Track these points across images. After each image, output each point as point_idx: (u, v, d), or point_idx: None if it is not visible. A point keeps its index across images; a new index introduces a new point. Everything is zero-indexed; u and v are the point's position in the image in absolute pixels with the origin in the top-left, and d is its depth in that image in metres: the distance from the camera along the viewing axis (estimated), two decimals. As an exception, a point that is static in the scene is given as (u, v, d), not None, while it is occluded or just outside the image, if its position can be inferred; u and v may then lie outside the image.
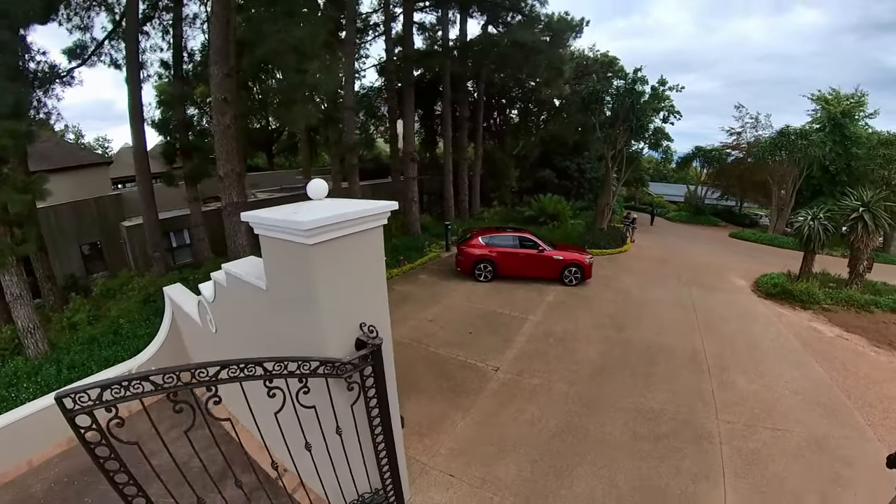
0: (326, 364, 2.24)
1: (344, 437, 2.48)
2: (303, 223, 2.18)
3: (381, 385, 2.54)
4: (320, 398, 2.31)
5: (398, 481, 3.18)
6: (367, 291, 2.65)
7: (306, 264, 2.36)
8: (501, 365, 6.11)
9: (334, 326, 2.49)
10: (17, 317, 7.04)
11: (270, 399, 2.03)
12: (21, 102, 6.79)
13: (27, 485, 4.28)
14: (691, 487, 4.12)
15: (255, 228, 2.60)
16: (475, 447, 4.43)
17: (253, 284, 2.93)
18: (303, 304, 2.52)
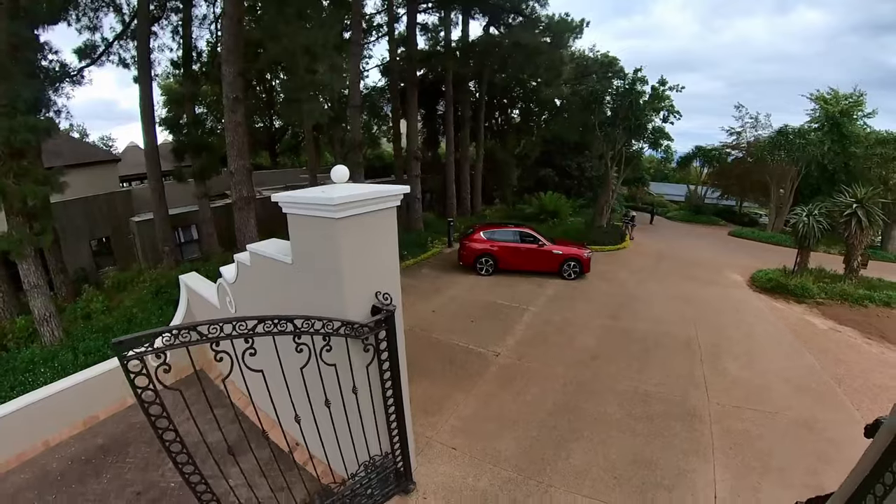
0: (347, 325, 2.51)
1: (359, 396, 2.73)
2: (333, 199, 2.48)
3: (394, 348, 2.80)
4: (340, 358, 2.56)
5: (406, 446, 3.43)
6: (382, 263, 2.95)
7: (333, 237, 2.65)
8: (502, 350, 6.36)
9: (354, 293, 2.78)
10: (33, 306, 7.32)
11: (298, 355, 2.28)
12: (39, 99, 7.08)
13: (45, 465, 4.53)
14: (682, 462, 4.36)
15: (284, 208, 2.89)
16: (477, 424, 4.68)
17: (278, 260, 3.22)
18: (326, 274, 2.81)
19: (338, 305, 2.75)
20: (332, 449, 2.92)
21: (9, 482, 4.26)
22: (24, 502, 4.00)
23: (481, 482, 3.92)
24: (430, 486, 3.86)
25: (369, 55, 19.10)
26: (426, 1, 16.30)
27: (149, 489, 4.24)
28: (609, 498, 3.82)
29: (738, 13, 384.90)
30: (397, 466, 3.46)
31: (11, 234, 6.72)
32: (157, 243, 12.07)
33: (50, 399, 4.93)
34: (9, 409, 4.60)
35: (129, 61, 12.77)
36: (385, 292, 2.82)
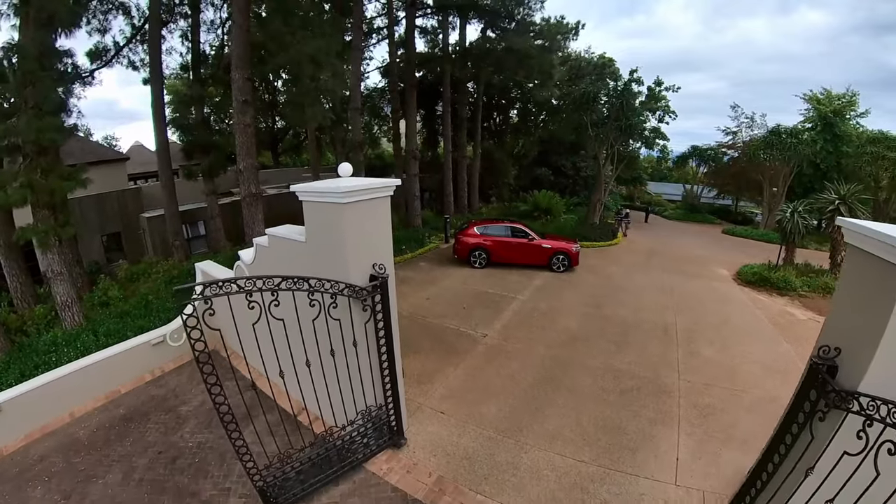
0: (349, 287, 3.12)
1: (358, 350, 3.28)
2: (340, 188, 3.16)
3: (387, 310, 3.38)
4: (344, 314, 3.13)
5: (398, 404, 3.96)
6: (378, 240, 3.58)
7: (340, 219, 3.33)
8: (489, 332, 6.88)
9: (356, 263, 3.42)
10: (56, 292, 7.87)
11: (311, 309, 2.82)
12: (63, 101, 7.65)
13: (70, 433, 5.01)
14: (648, 429, 4.85)
15: (301, 196, 3.56)
16: (463, 393, 5.20)
17: (293, 239, 3.87)
18: (334, 248, 3.45)
19: (343, 273, 3.36)
20: (336, 401, 3.44)
21: (37, 448, 4.74)
22: (51, 465, 4.46)
23: (465, 440, 4.44)
24: (420, 442, 4.38)
25: (370, 57, 19.68)
26: (424, 6, 16.85)
27: (169, 449, 4.75)
28: (578, 456, 4.32)
29: (740, 13, 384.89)
30: (390, 421, 3.98)
31: (37, 226, 7.28)
32: (166, 238, 12.65)
33: (75, 374, 5.39)
34: (37, 383, 5.10)
35: (139, 63, 13.36)
36: (380, 263, 3.43)
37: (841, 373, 2.29)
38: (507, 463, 4.18)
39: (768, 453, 2.84)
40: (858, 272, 2.41)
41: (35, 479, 4.28)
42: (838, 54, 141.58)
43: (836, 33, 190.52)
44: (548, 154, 23.60)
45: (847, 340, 2.30)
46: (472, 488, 3.88)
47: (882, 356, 2.06)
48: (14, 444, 4.81)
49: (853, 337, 2.26)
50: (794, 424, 2.59)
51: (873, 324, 2.09)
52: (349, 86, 12.41)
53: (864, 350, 2.14)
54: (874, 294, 2.14)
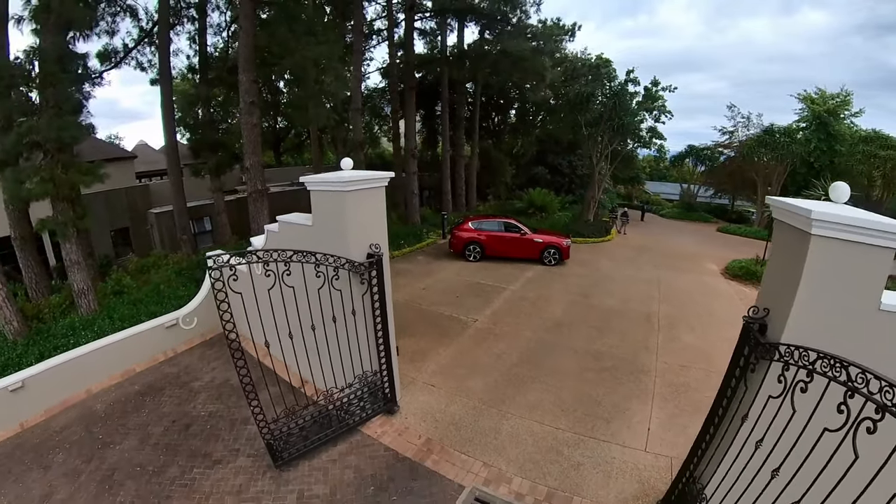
0: (350, 262, 3.69)
1: (356, 319, 3.73)
2: (343, 178, 3.75)
3: (382, 285, 3.88)
4: (344, 286, 3.62)
5: (391, 372, 4.40)
6: (374, 224, 4.12)
7: (343, 205, 3.91)
8: (480, 318, 7.32)
9: (355, 242, 3.96)
10: (73, 280, 8.34)
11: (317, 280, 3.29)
12: (81, 101, 8.14)
13: (89, 406, 5.43)
14: (623, 403, 5.27)
15: (309, 185, 4.11)
16: (452, 369, 5.64)
17: (302, 224, 4.40)
18: (337, 230, 4.00)
19: (344, 250, 3.88)
20: (337, 366, 3.88)
21: (58, 421, 5.13)
22: (72, 434, 4.86)
23: (452, 408, 4.88)
24: (412, 409, 4.83)
25: (370, 58, 20.15)
26: (423, 10, 17.33)
27: (182, 418, 5.20)
28: (555, 424, 4.75)
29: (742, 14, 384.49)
30: (384, 387, 4.42)
31: (57, 218, 7.75)
32: (173, 233, 13.12)
33: (92, 353, 5.81)
34: (56, 361, 5.49)
35: (146, 65, 13.85)
36: (376, 243, 3.97)
37: (769, 330, 2.68)
38: (490, 428, 4.61)
39: (713, 409, 3.26)
40: (781, 242, 2.83)
41: (56, 446, 4.69)
42: (839, 54, 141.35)
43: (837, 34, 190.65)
44: (545, 153, 24.02)
45: (774, 302, 2.69)
46: (457, 449, 4.31)
47: (796, 311, 2.44)
48: (35, 419, 5.17)
49: (778, 298, 2.64)
50: (732, 379, 3.01)
51: (790, 284, 2.48)
52: (350, 88, 12.88)
53: (784, 308, 2.51)
54: (791, 259, 2.54)
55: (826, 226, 2.23)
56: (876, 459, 1.54)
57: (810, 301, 2.38)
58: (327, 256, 3.51)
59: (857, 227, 2.17)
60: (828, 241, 2.26)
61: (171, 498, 3.93)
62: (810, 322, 2.38)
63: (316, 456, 4.24)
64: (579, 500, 3.77)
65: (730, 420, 2.96)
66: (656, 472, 4.15)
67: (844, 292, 2.31)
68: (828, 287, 2.34)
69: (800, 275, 2.41)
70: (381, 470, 4.07)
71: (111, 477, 4.20)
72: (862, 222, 2.18)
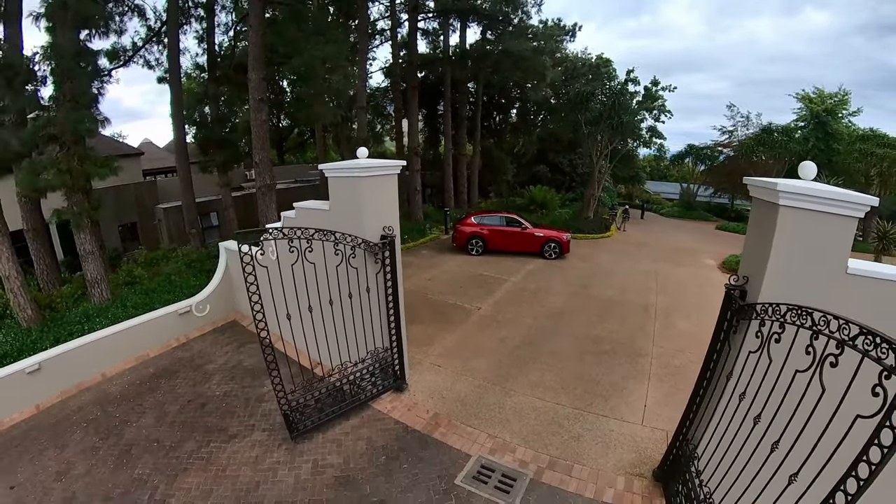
0: (365, 242, 3.97)
1: (370, 297, 3.98)
2: (360, 165, 4.04)
3: (394, 264, 4.17)
4: (360, 264, 3.88)
5: (401, 351, 4.64)
6: (388, 207, 4.40)
7: (359, 189, 4.20)
8: (483, 306, 7.56)
9: (370, 224, 4.24)
10: (86, 269, 8.58)
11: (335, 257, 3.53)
12: (97, 95, 8.40)
13: (104, 388, 5.63)
14: (620, 382, 5.50)
15: (327, 172, 4.40)
16: (458, 351, 5.88)
17: (319, 209, 4.67)
18: (354, 213, 4.27)
19: (360, 231, 4.16)
20: (351, 341, 4.11)
21: (74, 402, 5.32)
22: (88, 414, 5.03)
23: (458, 386, 5.11)
24: (420, 387, 5.06)
25: (373, 58, 20.42)
26: (426, 10, 17.60)
27: (197, 397, 5.41)
28: (556, 400, 4.98)
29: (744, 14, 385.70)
30: (394, 364, 4.65)
31: (72, 209, 7.99)
32: (181, 228, 13.37)
33: (107, 338, 6.01)
34: (72, 346, 5.68)
35: (153, 63, 14.11)
36: (389, 226, 4.25)
37: (749, 296, 2.94)
38: (495, 404, 4.84)
39: (702, 371, 3.49)
40: (756, 216, 3.10)
41: (73, 425, 4.86)
42: (841, 54, 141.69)
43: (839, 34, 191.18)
44: (546, 152, 24.29)
45: (751, 270, 2.95)
46: (463, 422, 4.54)
47: (769, 276, 2.71)
48: (50, 400, 5.35)
49: (755, 266, 2.91)
50: (717, 342, 3.25)
51: (764, 252, 2.74)
52: (355, 86, 13.13)
53: (760, 274, 2.79)
54: (764, 229, 2.80)
55: (791, 197, 2.48)
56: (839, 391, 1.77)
57: (782, 266, 2.63)
58: (345, 235, 3.78)
59: (820, 198, 2.43)
60: (794, 210, 2.51)
61: (188, 470, 4.11)
62: (783, 285, 2.63)
63: (329, 429, 4.47)
64: (580, 468, 3.99)
65: (717, 379, 3.21)
66: (652, 443, 4.37)
67: (813, 257, 2.56)
68: (797, 253, 2.60)
69: (771, 242, 2.68)
70: (391, 441, 4.30)
71: (128, 452, 4.37)
72: (824, 193, 2.43)
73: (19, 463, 4.26)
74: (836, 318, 1.80)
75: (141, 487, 3.89)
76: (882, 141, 21.11)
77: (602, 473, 3.94)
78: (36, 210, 9.71)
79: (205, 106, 13.16)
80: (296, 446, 4.28)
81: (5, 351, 6.86)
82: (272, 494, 3.78)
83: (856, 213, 2.43)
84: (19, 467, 4.20)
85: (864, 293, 2.47)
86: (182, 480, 3.98)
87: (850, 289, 2.47)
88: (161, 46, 13.77)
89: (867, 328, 1.66)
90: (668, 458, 3.80)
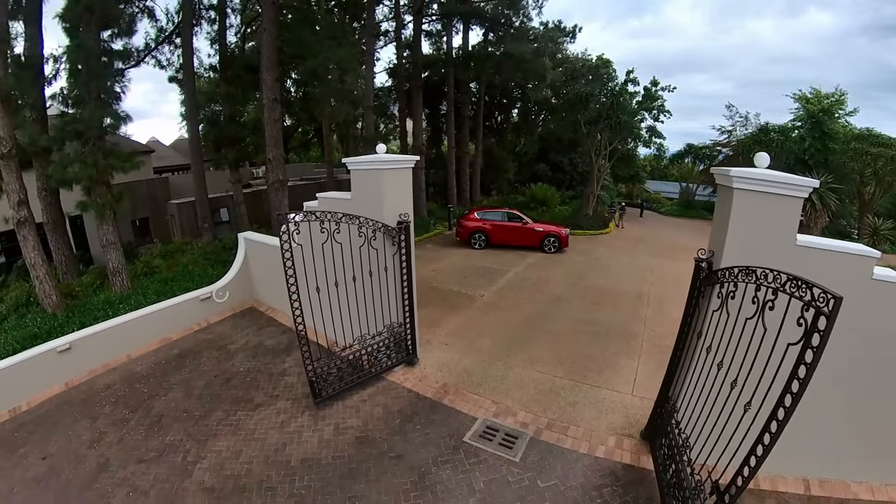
0: (384, 226, 4.50)
1: (387, 275, 4.45)
2: (382, 159, 4.60)
3: (409, 246, 4.71)
4: (380, 245, 4.36)
5: (413, 328, 5.10)
6: (403, 196, 4.95)
7: (381, 181, 4.75)
8: (486, 294, 8.03)
9: (389, 211, 4.77)
10: (108, 259, 9.05)
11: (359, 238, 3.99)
12: (119, 93, 8.87)
13: (130, 368, 6.00)
14: (612, 358, 5.93)
15: (350, 165, 4.92)
16: (463, 332, 6.34)
17: (342, 198, 5.17)
18: (375, 201, 4.79)
19: (380, 217, 4.67)
20: (370, 316, 4.59)
21: (102, 380, 5.68)
22: (117, 391, 5.38)
23: (464, 361, 5.57)
24: (429, 362, 5.52)
25: (377, 58, 20.88)
26: (430, 14, 18.07)
27: (223, 373, 5.83)
28: (553, 373, 5.43)
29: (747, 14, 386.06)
30: (407, 339, 5.11)
31: (96, 200, 8.45)
32: (192, 223, 13.83)
33: (132, 322, 6.38)
34: (100, 328, 6.08)
35: (165, 63, 14.57)
36: (405, 212, 4.76)
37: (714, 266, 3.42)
38: (498, 376, 5.29)
39: (679, 335, 3.95)
40: (720, 200, 3.60)
41: (103, 400, 5.21)
42: (845, 55, 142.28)
43: (842, 34, 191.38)
44: (547, 151, 24.76)
45: (716, 245, 3.45)
46: (469, 391, 5.00)
47: (727, 248, 3.20)
48: (79, 378, 5.70)
49: (719, 241, 3.40)
50: (690, 307, 3.71)
51: (724, 229, 3.23)
52: (362, 87, 13.60)
53: (721, 247, 3.28)
54: (724, 210, 3.31)
55: (743, 181, 2.99)
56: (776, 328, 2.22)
57: (738, 239, 3.14)
58: (368, 220, 4.31)
59: (768, 181, 2.90)
60: (746, 193, 3.02)
61: (217, 435, 4.50)
62: (741, 256, 3.10)
63: (348, 397, 4.92)
64: (575, 429, 4.44)
65: (690, 339, 3.68)
66: (641, 410, 4.81)
67: (765, 231, 3.05)
68: (751, 228, 3.09)
69: (728, 220, 3.18)
70: (405, 407, 4.75)
71: (159, 422, 4.73)
72: (771, 177, 2.91)
73: (52, 434, 4.56)
74: (772, 271, 2.25)
75: (174, 451, 4.26)
76: (877, 140, 21.50)
77: (595, 434, 4.39)
78: (55, 204, 10.19)
79: (217, 105, 13.63)
80: (318, 412, 4.72)
81: (35, 332, 7.33)
82: (298, 452, 4.22)
83: (799, 193, 2.90)
84: (52, 438, 4.50)
85: (811, 262, 2.92)
86: (213, 444, 4.37)
87: (800, 258, 2.92)
88: (172, 47, 14.27)
89: (793, 275, 2.11)
90: (655, 418, 4.25)
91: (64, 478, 4.03)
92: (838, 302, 1.92)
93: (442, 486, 3.68)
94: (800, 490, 3.63)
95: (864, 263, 3.08)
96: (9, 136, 7.67)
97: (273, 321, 7.24)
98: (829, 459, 3.62)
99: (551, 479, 3.75)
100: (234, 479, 3.87)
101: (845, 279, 2.96)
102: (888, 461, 3.59)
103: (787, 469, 3.64)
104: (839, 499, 3.56)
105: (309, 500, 3.61)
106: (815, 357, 2.02)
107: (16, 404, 5.14)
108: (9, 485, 3.97)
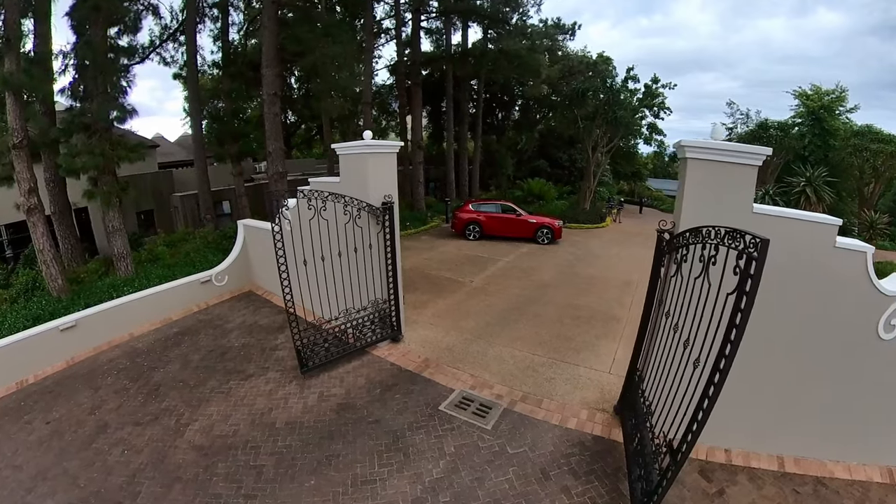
0: (369, 206, 4.74)
1: (372, 252, 4.68)
2: (367, 144, 4.79)
3: (393, 226, 4.95)
4: (365, 224, 4.61)
5: (398, 301, 5.33)
6: (388, 180, 5.15)
7: (366, 163, 4.95)
8: (475, 280, 8.24)
9: (374, 192, 4.99)
10: (114, 244, 9.40)
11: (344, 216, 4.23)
12: (126, 87, 9.22)
13: (132, 345, 6.32)
14: (593, 341, 6.10)
15: (339, 150, 5.18)
16: (449, 313, 6.55)
17: (331, 181, 5.39)
18: (361, 183, 5.01)
19: (365, 197, 4.92)
20: (355, 292, 4.81)
21: (106, 355, 6.00)
22: (119, 364, 5.70)
23: (447, 339, 5.79)
24: (413, 339, 5.74)
25: (378, 56, 21.17)
26: (429, 11, 18.33)
27: (218, 348, 6.12)
28: (533, 351, 5.62)
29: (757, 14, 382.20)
30: (391, 315, 5.33)
31: (102, 188, 8.80)
32: (195, 215, 14.19)
33: (134, 302, 6.70)
34: (103, 307, 6.39)
35: (169, 60, 14.96)
36: (389, 194, 4.99)
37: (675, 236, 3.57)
38: (478, 352, 5.50)
39: (646, 305, 4.12)
40: (680, 173, 3.72)
41: (105, 373, 5.52)
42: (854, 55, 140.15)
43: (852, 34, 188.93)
44: (546, 147, 24.92)
45: (677, 216, 3.58)
46: (449, 365, 5.21)
47: (684, 215, 3.32)
48: (84, 354, 6.02)
49: (678, 213, 3.52)
50: (653, 278, 3.89)
51: (681, 198, 3.37)
52: (362, 83, 13.87)
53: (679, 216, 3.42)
54: (682, 180, 3.44)
55: (694, 150, 3.15)
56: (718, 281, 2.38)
57: (693, 207, 3.29)
58: (353, 199, 4.56)
59: (717, 150, 3.06)
60: (698, 161, 3.17)
61: (209, 401, 4.79)
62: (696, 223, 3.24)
63: (334, 369, 5.16)
64: (549, 401, 4.63)
65: (654, 310, 3.85)
66: (617, 388, 4.95)
67: (720, 199, 3.19)
68: (706, 195, 3.24)
69: (684, 188, 3.32)
70: (387, 378, 4.98)
71: (156, 391, 5.03)
72: (721, 146, 3.06)
73: (55, 403, 4.85)
74: (713, 227, 2.43)
75: (168, 415, 4.56)
76: (876, 136, 21.38)
77: (568, 407, 4.57)
78: (62, 194, 10.57)
79: (220, 101, 13.99)
80: (305, 381, 4.97)
81: (39, 314, 7.65)
82: (283, 417, 4.47)
83: (752, 161, 3.04)
84: (56, 406, 4.79)
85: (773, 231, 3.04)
86: (205, 409, 4.66)
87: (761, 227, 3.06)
88: (177, 44, 14.65)
89: (731, 228, 2.28)
90: (626, 392, 4.42)
91: (65, 439, 4.32)
92: (765, 244, 1.99)
93: (415, 448, 3.90)
94: (773, 467, 3.65)
95: (827, 231, 3.12)
96: (21, 128, 8.03)
97: (269, 303, 7.52)
98: (805, 438, 3.66)
99: (521, 446, 3.93)
100: (222, 439, 4.13)
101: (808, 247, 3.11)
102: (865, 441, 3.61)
103: (760, 446, 3.71)
104: (814, 476, 3.57)
105: (289, 457, 3.85)
106: (749, 302, 2.10)
107: (24, 376, 5.45)
108: (13, 447, 4.26)
